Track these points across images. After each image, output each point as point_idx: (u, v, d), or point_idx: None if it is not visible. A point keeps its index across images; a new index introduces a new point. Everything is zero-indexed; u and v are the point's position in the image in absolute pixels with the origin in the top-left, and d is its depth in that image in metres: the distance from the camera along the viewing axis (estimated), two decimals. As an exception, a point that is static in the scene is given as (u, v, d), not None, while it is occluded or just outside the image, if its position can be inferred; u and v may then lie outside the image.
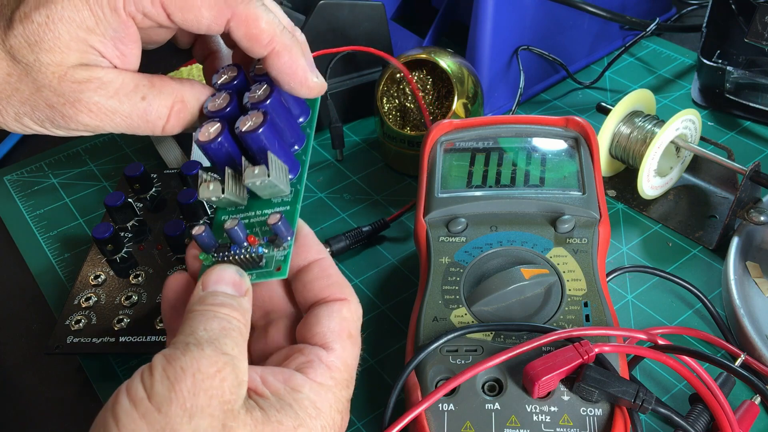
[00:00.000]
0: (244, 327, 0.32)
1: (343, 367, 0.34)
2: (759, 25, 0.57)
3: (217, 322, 0.31)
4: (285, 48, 0.35)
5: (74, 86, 0.33)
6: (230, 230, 0.34)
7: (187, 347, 0.30)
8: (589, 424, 0.36)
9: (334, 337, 0.34)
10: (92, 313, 0.48)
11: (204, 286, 0.33)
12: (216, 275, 0.34)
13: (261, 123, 0.34)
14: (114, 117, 0.34)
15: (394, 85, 0.59)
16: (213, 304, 0.32)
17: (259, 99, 0.35)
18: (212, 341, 0.30)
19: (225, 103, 0.36)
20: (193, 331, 0.31)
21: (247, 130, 0.34)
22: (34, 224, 0.60)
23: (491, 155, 0.49)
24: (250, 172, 0.34)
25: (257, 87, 0.36)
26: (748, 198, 0.51)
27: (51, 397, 0.48)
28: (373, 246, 0.55)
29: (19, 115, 0.34)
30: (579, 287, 0.42)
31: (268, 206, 0.37)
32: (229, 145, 0.35)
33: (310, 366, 0.33)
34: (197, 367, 0.29)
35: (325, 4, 0.60)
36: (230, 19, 0.34)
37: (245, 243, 0.35)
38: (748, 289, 0.48)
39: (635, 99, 0.55)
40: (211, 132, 0.35)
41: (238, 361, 0.30)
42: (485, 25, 0.61)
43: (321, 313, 0.35)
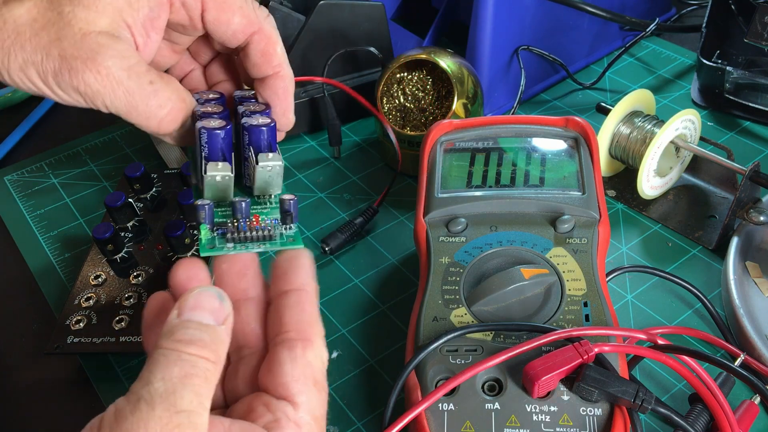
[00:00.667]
0: (213, 367, 0.30)
1: (313, 421, 0.32)
2: (758, 25, 0.57)
3: (178, 368, 0.28)
4: (287, 76, 0.38)
5: (94, 45, 0.33)
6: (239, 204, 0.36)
7: (137, 404, 0.27)
8: (589, 424, 0.36)
9: (299, 388, 0.32)
10: (92, 313, 0.48)
11: (180, 312, 0.31)
12: (193, 300, 0.31)
13: (269, 123, 0.37)
14: (117, 87, 0.34)
15: (394, 85, 0.59)
16: (180, 341, 0.29)
17: (257, 109, 0.38)
18: (167, 396, 0.27)
19: (219, 110, 0.37)
20: (149, 380, 0.28)
21: (258, 124, 0.37)
22: (35, 224, 0.60)
23: (491, 155, 0.49)
24: (264, 157, 0.36)
25: (249, 104, 0.39)
26: (748, 198, 0.51)
27: (51, 397, 0.48)
28: (371, 244, 0.55)
29: (26, 63, 0.34)
30: (579, 287, 0.42)
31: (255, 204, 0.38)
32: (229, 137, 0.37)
33: (278, 426, 0.31)
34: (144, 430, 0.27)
35: (325, 4, 0.60)
36: (256, 32, 0.37)
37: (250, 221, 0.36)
38: (748, 289, 0.48)
39: (635, 99, 0.55)
40: (216, 124, 0.36)
41: (196, 416, 0.28)
42: (485, 25, 0.61)
43: (283, 357, 0.32)
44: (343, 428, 0.44)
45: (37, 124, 0.72)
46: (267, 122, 0.37)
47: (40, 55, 0.34)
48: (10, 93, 0.74)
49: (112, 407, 0.28)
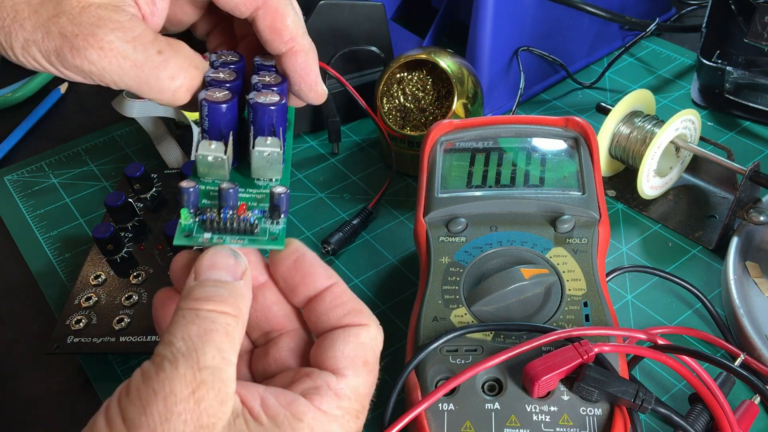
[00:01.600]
0: (234, 321, 0.29)
1: (353, 396, 0.31)
2: (758, 25, 0.57)
3: (196, 326, 0.28)
4: (303, 49, 0.35)
5: (93, 19, 0.32)
6: (226, 191, 0.33)
7: (161, 364, 0.27)
8: (589, 424, 0.36)
9: (347, 363, 0.31)
10: (92, 313, 0.48)
11: (196, 275, 0.31)
12: (208, 260, 0.31)
13: (277, 101, 0.34)
14: (124, 62, 0.32)
15: (394, 85, 0.59)
16: (198, 299, 0.29)
17: (272, 82, 0.35)
18: (189, 353, 0.27)
19: (231, 78, 0.35)
20: (171, 340, 0.28)
21: (265, 102, 0.34)
22: (35, 224, 0.60)
23: (491, 155, 0.49)
24: (262, 140, 0.34)
25: (266, 74, 0.36)
26: (748, 198, 0.51)
27: (51, 397, 0.48)
28: (371, 244, 0.55)
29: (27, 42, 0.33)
30: (579, 287, 0.42)
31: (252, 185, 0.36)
32: (233, 113, 0.34)
33: (316, 392, 0.30)
34: (169, 388, 0.27)
35: (325, 4, 0.60)
36: (260, 6, 0.34)
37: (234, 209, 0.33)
38: (748, 289, 0.48)
39: (635, 99, 0.55)
40: (221, 96, 0.34)
41: (220, 371, 0.28)
42: (485, 25, 0.61)
43: (336, 336, 0.32)
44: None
45: (37, 124, 0.72)
46: (275, 101, 0.34)
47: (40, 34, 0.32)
48: (9, 93, 0.74)
49: (138, 371, 0.28)
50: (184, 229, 0.33)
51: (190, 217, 0.33)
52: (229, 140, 0.34)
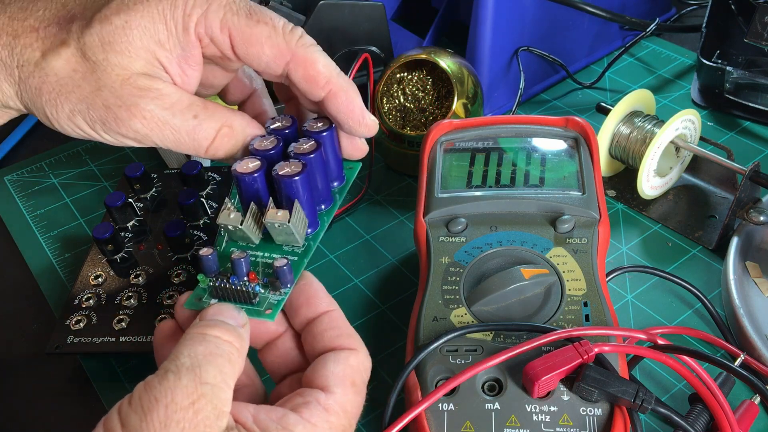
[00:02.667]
0: (236, 353, 0.32)
1: (341, 412, 0.33)
2: (758, 25, 0.57)
3: (203, 347, 0.31)
4: (342, 89, 0.37)
5: (134, 91, 0.34)
6: (236, 260, 0.36)
7: (165, 375, 0.29)
8: (589, 424, 0.36)
9: (335, 381, 0.33)
10: (92, 313, 0.48)
11: (201, 318, 0.33)
12: (214, 309, 0.34)
13: (298, 172, 0.36)
14: (164, 128, 0.35)
15: (394, 85, 0.59)
16: (206, 326, 0.32)
17: (303, 151, 0.37)
18: (192, 369, 0.29)
19: (271, 146, 0.37)
20: (177, 356, 0.30)
21: (284, 174, 0.36)
22: (35, 224, 0.60)
23: (491, 155, 0.49)
24: (272, 213, 0.36)
25: (305, 141, 0.38)
26: (748, 198, 0.51)
27: (51, 397, 0.48)
28: (371, 244, 0.55)
29: (73, 113, 0.35)
30: (579, 287, 0.42)
31: (278, 252, 0.38)
32: (261, 183, 0.37)
33: (306, 406, 0.32)
34: (171, 397, 0.28)
35: (325, 4, 0.60)
36: (290, 60, 0.36)
37: (245, 278, 0.36)
38: (748, 289, 0.48)
39: (635, 99, 0.55)
40: (250, 167, 0.36)
41: (219, 390, 0.29)
42: (485, 25, 0.61)
43: (327, 359, 0.34)
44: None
45: (37, 124, 0.72)
46: (296, 171, 0.36)
47: (85, 105, 0.35)
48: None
49: (141, 383, 0.30)
50: (197, 294, 0.36)
51: (207, 281, 0.37)
52: (249, 210, 0.37)
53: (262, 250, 0.38)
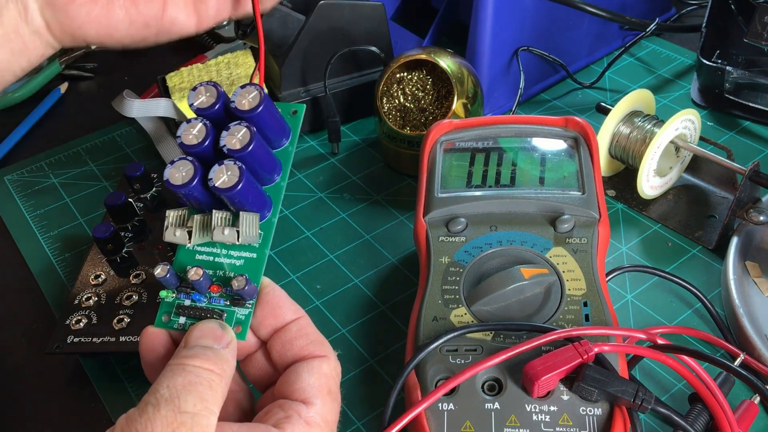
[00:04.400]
0: (218, 378, 0.31)
1: (323, 424, 0.33)
2: (758, 25, 0.57)
3: (182, 378, 0.31)
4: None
5: None
6: (195, 282, 0.34)
7: (145, 408, 0.29)
8: (589, 424, 0.36)
9: (314, 393, 0.33)
10: (92, 313, 0.48)
11: (185, 343, 0.33)
12: (198, 331, 0.33)
13: (237, 181, 0.33)
14: None
15: (394, 85, 0.59)
16: (185, 357, 0.32)
17: (237, 147, 0.33)
18: (171, 400, 0.29)
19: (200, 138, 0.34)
20: (156, 389, 0.30)
21: (222, 186, 0.33)
22: (35, 224, 0.60)
23: (491, 155, 0.49)
24: (219, 232, 0.35)
25: (237, 129, 0.34)
26: (748, 198, 0.51)
27: (51, 397, 0.48)
28: (371, 243, 0.55)
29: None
30: (578, 287, 0.42)
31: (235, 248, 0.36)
32: (198, 191, 0.34)
33: (288, 421, 0.32)
34: (150, 428, 0.29)
35: (325, 4, 0.60)
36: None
37: (207, 293, 0.35)
38: (748, 289, 0.48)
39: (635, 99, 0.55)
40: (184, 175, 0.33)
41: (201, 417, 0.29)
42: (485, 25, 0.61)
43: (301, 369, 0.34)
44: (343, 428, 0.44)
45: (37, 124, 0.72)
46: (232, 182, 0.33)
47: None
48: (10, 93, 0.74)
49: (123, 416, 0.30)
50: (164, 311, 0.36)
51: (170, 294, 0.36)
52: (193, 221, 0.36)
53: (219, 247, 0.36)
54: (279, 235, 0.56)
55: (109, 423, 0.45)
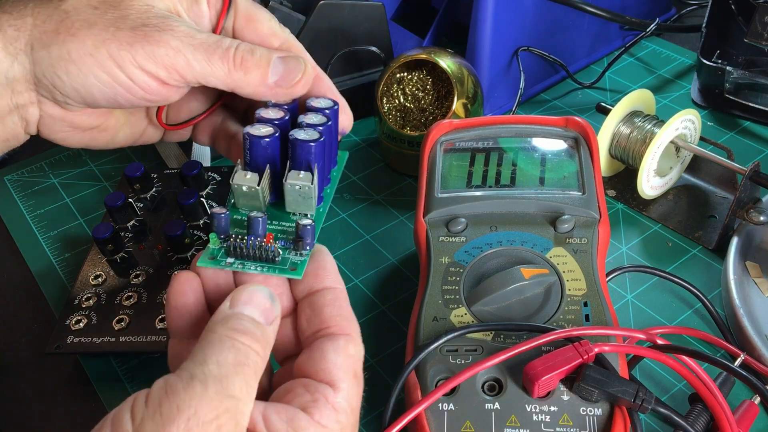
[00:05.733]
0: (261, 361, 0.30)
1: (350, 410, 0.31)
2: (758, 25, 0.57)
3: (233, 355, 0.29)
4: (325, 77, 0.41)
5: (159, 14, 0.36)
6: (254, 219, 0.35)
7: (191, 382, 0.27)
8: (589, 424, 0.36)
9: (341, 375, 0.32)
10: (92, 313, 0.48)
11: (232, 304, 0.31)
12: (247, 295, 0.32)
13: (317, 138, 0.36)
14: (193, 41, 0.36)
15: (394, 85, 0.59)
16: (235, 330, 0.30)
17: (316, 122, 0.37)
18: (220, 380, 0.28)
19: (279, 115, 0.38)
20: (204, 360, 0.28)
21: (303, 139, 0.36)
22: (35, 224, 0.60)
23: (491, 155, 0.49)
24: (295, 174, 0.36)
25: (313, 115, 0.38)
26: (748, 198, 0.51)
27: (51, 397, 0.48)
28: (371, 243, 0.55)
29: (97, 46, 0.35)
30: (579, 287, 0.42)
31: (286, 219, 0.37)
32: (275, 146, 0.37)
33: (315, 406, 0.30)
34: (194, 409, 0.27)
35: (325, 4, 0.60)
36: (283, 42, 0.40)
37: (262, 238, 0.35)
38: (748, 289, 0.48)
39: (635, 99, 0.55)
40: (263, 131, 0.36)
41: (243, 404, 0.28)
42: (485, 25, 0.61)
43: (326, 347, 0.32)
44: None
45: (37, 124, 0.72)
46: (314, 138, 0.36)
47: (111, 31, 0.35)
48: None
49: (161, 381, 0.28)
50: (211, 252, 0.35)
51: (218, 242, 0.36)
52: (264, 173, 0.36)
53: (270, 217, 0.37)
54: (279, 235, 0.56)
55: (109, 423, 0.45)
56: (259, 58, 0.37)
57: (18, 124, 0.38)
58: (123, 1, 0.36)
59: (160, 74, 0.36)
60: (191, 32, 0.36)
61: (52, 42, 0.35)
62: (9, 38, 0.35)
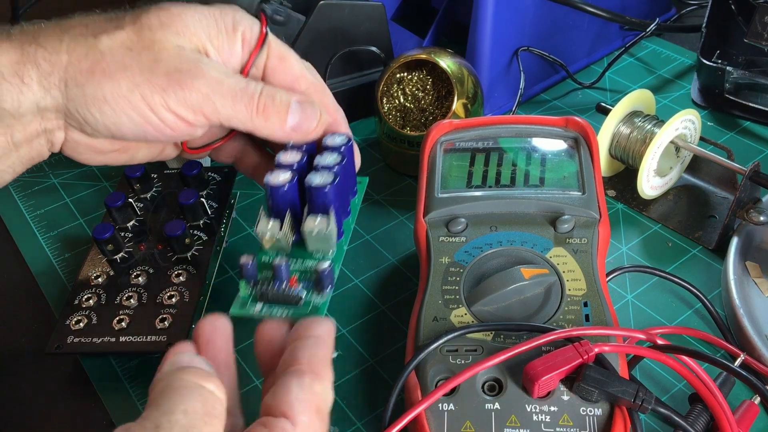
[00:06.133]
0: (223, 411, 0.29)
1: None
2: (758, 25, 0.57)
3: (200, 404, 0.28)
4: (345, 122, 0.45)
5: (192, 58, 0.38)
6: (278, 266, 0.38)
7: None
8: (589, 424, 0.36)
9: (301, 408, 0.30)
10: (92, 313, 0.48)
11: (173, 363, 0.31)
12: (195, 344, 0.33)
13: (331, 181, 0.39)
14: (222, 87, 0.38)
15: (394, 85, 0.59)
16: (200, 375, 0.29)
17: (330, 163, 0.41)
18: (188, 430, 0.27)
19: (296, 159, 0.41)
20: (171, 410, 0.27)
21: (318, 185, 0.39)
22: (35, 224, 0.60)
23: (491, 155, 0.49)
24: (311, 220, 0.39)
25: (328, 154, 0.41)
26: (748, 198, 0.51)
27: (51, 397, 0.48)
28: (371, 243, 0.55)
29: (131, 89, 0.37)
30: (579, 287, 0.42)
31: (309, 258, 0.41)
32: (294, 193, 0.40)
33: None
34: None
35: (325, 4, 0.60)
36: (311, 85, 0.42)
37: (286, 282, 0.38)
38: (748, 289, 0.48)
39: (635, 99, 0.55)
40: (281, 178, 0.39)
41: None
42: (485, 25, 0.61)
43: (290, 382, 0.31)
44: (343, 428, 0.44)
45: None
46: (328, 182, 0.39)
47: (146, 76, 0.37)
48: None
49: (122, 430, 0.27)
50: (242, 300, 0.38)
51: (247, 289, 0.38)
52: (285, 219, 0.40)
53: (295, 257, 0.41)
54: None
55: (109, 423, 0.45)
56: (279, 104, 0.40)
57: (44, 145, 0.39)
58: (155, 43, 0.37)
59: (189, 117, 0.38)
60: (220, 77, 0.38)
61: (86, 82, 0.37)
62: (43, 72, 0.37)
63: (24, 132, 0.37)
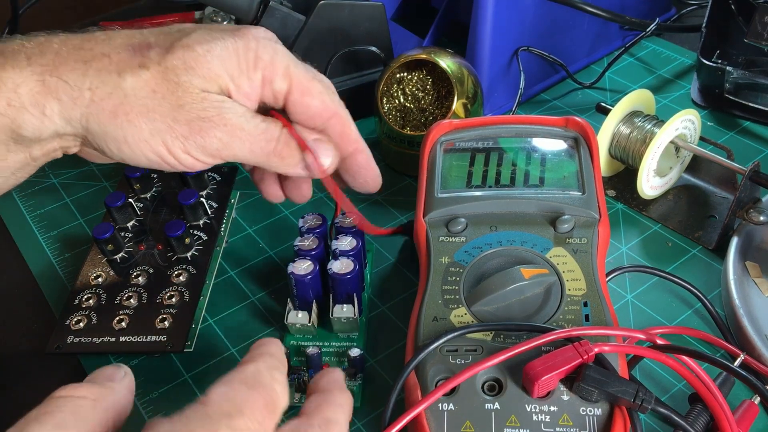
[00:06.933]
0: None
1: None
2: (758, 25, 0.57)
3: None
4: (365, 149, 0.44)
5: (215, 104, 0.38)
6: (312, 356, 0.42)
7: None
8: (589, 424, 0.36)
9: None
10: (92, 313, 0.48)
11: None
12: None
13: (353, 269, 0.43)
14: (242, 134, 0.39)
15: (394, 85, 0.59)
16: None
17: (348, 248, 0.45)
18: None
19: (314, 245, 0.45)
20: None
21: (342, 273, 0.43)
22: (35, 224, 0.60)
23: (491, 155, 0.49)
24: (339, 309, 0.44)
25: (344, 238, 0.46)
26: (748, 198, 0.51)
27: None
28: (371, 243, 0.55)
29: (153, 133, 0.37)
30: (578, 287, 0.42)
31: (335, 339, 0.46)
32: (316, 282, 0.44)
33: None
34: None
35: (325, 4, 0.60)
36: (332, 116, 0.42)
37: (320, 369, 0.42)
38: (748, 289, 0.48)
39: (635, 99, 0.55)
40: (305, 268, 0.44)
41: None
42: (485, 25, 0.61)
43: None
44: (343, 428, 0.44)
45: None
46: (349, 270, 0.43)
47: (168, 122, 0.37)
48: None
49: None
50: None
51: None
52: (312, 309, 0.44)
53: (320, 340, 0.46)
54: (280, 235, 0.56)
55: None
56: (295, 150, 0.41)
57: (59, 153, 0.41)
58: (180, 86, 0.37)
59: (207, 160, 0.39)
60: (241, 124, 0.39)
61: (108, 123, 0.37)
62: (65, 107, 0.37)
63: (42, 149, 0.39)
